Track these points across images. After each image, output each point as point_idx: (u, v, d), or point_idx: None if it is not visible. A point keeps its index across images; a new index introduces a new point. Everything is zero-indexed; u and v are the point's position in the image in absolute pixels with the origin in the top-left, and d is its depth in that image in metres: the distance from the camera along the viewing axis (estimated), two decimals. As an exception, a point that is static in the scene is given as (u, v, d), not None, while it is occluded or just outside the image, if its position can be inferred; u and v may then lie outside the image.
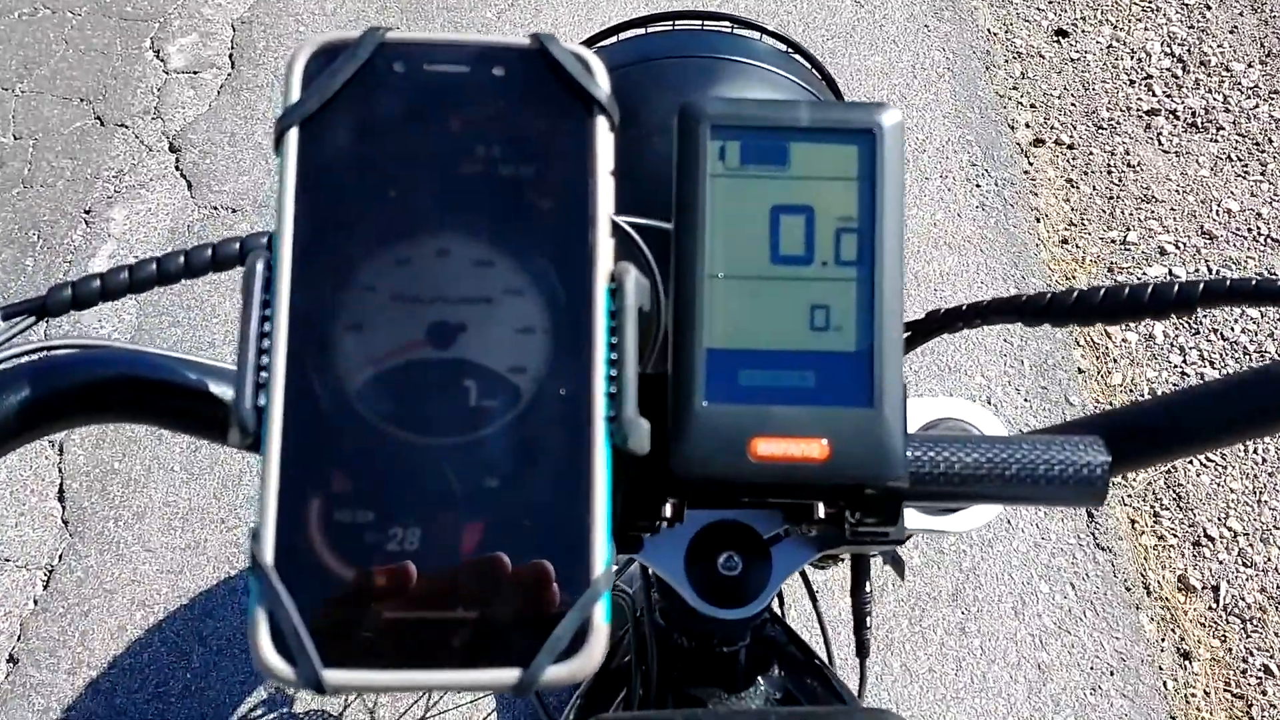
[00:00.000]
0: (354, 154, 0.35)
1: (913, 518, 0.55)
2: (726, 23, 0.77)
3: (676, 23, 0.77)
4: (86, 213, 2.32)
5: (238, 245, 0.49)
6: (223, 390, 0.50)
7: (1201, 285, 0.49)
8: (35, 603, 1.73)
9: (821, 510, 0.47)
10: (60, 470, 1.87)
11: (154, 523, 1.82)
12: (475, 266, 0.34)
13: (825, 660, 0.77)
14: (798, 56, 0.77)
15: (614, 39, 0.78)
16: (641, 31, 0.77)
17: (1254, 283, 0.48)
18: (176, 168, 2.40)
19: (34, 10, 2.80)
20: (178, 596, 1.73)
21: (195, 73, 2.63)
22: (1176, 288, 0.50)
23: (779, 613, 0.84)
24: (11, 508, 1.82)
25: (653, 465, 0.41)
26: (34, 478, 1.87)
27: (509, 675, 0.32)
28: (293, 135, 0.35)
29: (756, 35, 0.76)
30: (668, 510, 0.48)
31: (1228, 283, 0.49)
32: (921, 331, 0.58)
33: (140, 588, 1.74)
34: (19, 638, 1.69)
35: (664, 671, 0.67)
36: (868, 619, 0.73)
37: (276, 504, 0.32)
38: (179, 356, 0.51)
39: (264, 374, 0.33)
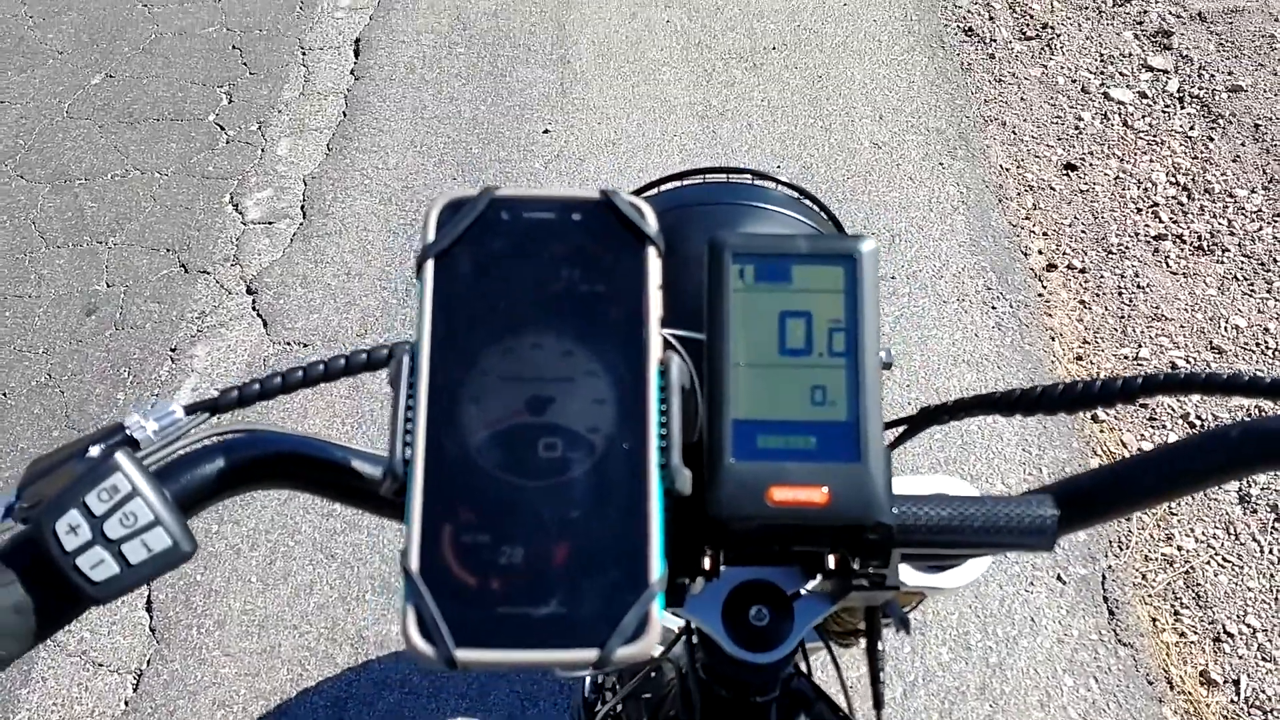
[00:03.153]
0: (473, 277, 0.46)
1: (908, 574, 0.64)
2: (748, 175, 0.91)
3: (706, 176, 0.92)
4: (172, 350, 2.54)
5: (386, 351, 0.59)
6: (363, 466, 0.62)
7: (1140, 378, 0.57)
8: (126, 704, 1.87)
9: (832, 561, 0.56)
10: (148, 583, 2.03)
11: (233, 629, 1.96)
12: (561, 355, 0.45)
13: (848, 713, 0.85)
14: (807, 201, 0.90)
15: (656, 190, 0.91)
16: (678, 184, 0.91)
17: (1182, 375, 0.56)
18: (253, 308, 2.63)
19: (125, 172, 3.09)
20: (255, 696, 1.86)
21: (270, 223, 2.88)
22: (1120, 381, 0.57)
23: (805, 672, 0.94)
24: (104, 617, 1.98)
25: (693, 522, 0.52)
26: (123, 591, 2.01)
27: (590, 654, 0.40)
28: (429, 266, 0.46)
29: (772, 185, 0.89)
30: (706, 563, 0.56)
31: (1160, 376, 0.56)
32: (914, 424, 0.67)
33: (221, 689, 1.87)
34: (109, 737, 1.83)
35: None
36: (881, 674, 0.79)
37: (420, 528, 0.42)
38: (329, 441, 0.63)
39: (409, 436, 0.44)
